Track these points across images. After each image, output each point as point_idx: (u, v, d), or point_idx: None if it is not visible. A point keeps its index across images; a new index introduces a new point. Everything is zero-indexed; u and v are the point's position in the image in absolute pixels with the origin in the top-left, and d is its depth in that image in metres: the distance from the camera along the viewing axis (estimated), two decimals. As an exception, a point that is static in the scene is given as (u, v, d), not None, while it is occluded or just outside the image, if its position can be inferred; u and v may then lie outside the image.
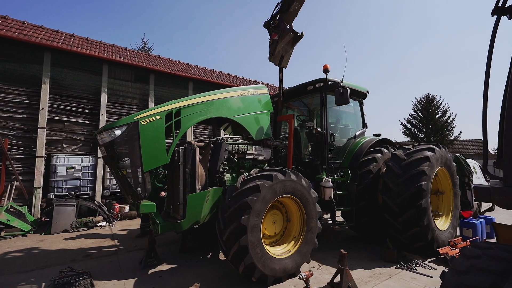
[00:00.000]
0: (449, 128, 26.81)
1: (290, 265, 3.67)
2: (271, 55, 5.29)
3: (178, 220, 3.81)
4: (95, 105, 7.92)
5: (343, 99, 4.88)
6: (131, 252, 4.79)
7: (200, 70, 10.51)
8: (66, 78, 7.60)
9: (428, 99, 27.89)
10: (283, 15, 5.18)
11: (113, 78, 8.23)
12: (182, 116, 3.96)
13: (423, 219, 4.34)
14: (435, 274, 3.90)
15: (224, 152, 4.31)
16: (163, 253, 4.61)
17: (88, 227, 6.37)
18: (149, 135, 3.60)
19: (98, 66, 8.00)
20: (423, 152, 4.72)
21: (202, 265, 4.21)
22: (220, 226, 3.49)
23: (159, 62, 9.44)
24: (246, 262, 3.27)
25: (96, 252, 4.80)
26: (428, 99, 27.84)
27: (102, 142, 3.53)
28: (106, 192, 7.73)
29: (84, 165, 7.54)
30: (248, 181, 3.62)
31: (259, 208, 3.44)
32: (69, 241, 5.44)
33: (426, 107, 27.62)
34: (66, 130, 7.54)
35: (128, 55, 8.86)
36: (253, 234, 3.36)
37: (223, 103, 4.48)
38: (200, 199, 3.94)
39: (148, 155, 3.57)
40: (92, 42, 8.58)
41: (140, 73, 8.64)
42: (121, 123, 3.47)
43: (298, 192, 3.87)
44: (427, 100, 27.87)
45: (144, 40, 25.33)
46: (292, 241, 3.97)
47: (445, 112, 27.16)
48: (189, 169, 3.97)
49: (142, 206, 3.55)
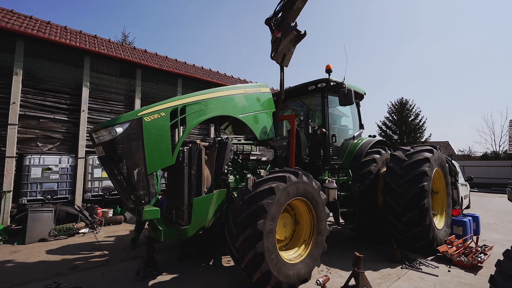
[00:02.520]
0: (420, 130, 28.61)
1: (303, 270, 3.54)
2: (273, 53, 5.14)
3: (183, 226, 3.53)
4: (75, 100, 7.23)
5: (347, 100, 4.86)
6: (124, 262, 4.38)
7: (189, 67, 10.07)
8: (42, 69, 6.86)
9: (401, 103, 29.49)
10: (286, 12, 5.05)
11: (96, 72, 7.57)
12: (187, 114, 3.68)
13: (425, 218, 4.43)
14: (438, 272, 3.99)
15: (229, 152, 4.09)
16: (161, 262, 4.27)
17: (69, 234, 5.77)
18: (153, 133, 3.28)
19: (79, 58, 7.31)
20: (423, 153, 4.83)
21: (206, 273, 3.94)
22: (232, 231, 3.26)
23: (146, 56, 8.88)
24: (262, 270, 3.08)
25: (83, 263, 4.33)
26: (402, 103, 29.43)
27: (100, 141, 3.15)
28: (88, 195, 7.09)
29: (62, 166, 6.84)
30: (261, 183, 3.43)
31: (274, 212, 3.26)
32: (49, 252, 4.86)
33: (400, 111, 29.17)
34: (42, 127, 6.79)
35: (112, 47, 8.22)
36: (269, 240, 3.18)
37: (228, 100, 4.26)
38: (206, 203, 3.69)
39: (153, 155, 3.25)
40: (71, 31, 7.83)
41: (126, 67, 8.05)
42: (122, 120, 3.12)
43: (309, 194, 3.75)
44: (400, 104, 29.45)
45: (125, 34, 23.92)
46: (303, 244, 3.84)
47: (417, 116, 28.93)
48: (195, 171, 3.69)
49: (146, 212, 3.23)
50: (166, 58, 9.79)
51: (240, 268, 3.31)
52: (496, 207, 10.30)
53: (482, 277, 3.85)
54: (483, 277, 3.84)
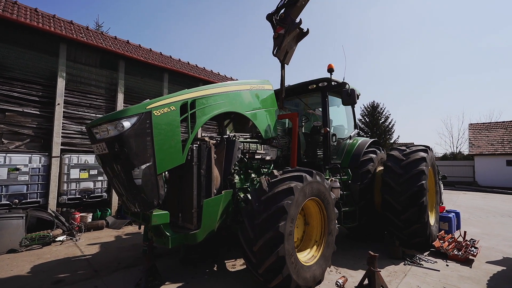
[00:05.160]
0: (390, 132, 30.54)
1: (318, 272, 3.46)
2: (276, 49, 5.02)
3: (192, 231, 3.25)
4: (49, 92, 6.42)
5: (351, 99, 4.91)
6: (117, 272, 3.94)
7: (175, 62, 9.54)
8: (9, 56, 5.98)
9: (373, 106, 31.16)
10: (289, 9, 4.96)
11: (73, 61, 6.80)
12: (197, 108, 3.40)
13: (424, 216, 4.60)
14: (437, 267, 4.16)
15: (237, 151, 3.89)
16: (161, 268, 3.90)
17: (44, 243, 5.10)
18: (163, 128, 2.97)
19: (54, 45, 6.51)
20: (419, 153, 5.03)
21: (214, 280, 3.68)
22: (249, 235, 3.07)
23: (129, 48, 8.21)
24: (284, 274, 2.93)
25: (69, 275, 3.81)
26: (374, 106, 31.11)
27: (103, 136, 2.77)
28: (63, 199, 6.34)
29: (33, 166, 6.04)
30: (277, 183, 3.27)
31: (293, 213, 3.14)
32: (23, 264, 4.23)
33: (372, 113, 30.81)
34: (8, 121, 5.93)
35: (92, 35, 7.47)
36: (289, 242, 3.05)
37: (236, 96, 4.05)
38: (217, 205, 3.46)
39: (162, 153, 2.94)
40: (43, 14, 6.94)
41: (107, 58, 7.34)
42: (130, 113, 2.77)
43: (322, 194, 3.68)
44: (372, 107, 31.11)
45: (98, 23, 22.05)
46: (315, 245, 3.76)
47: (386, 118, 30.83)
48: (205, 170, 3.43)
49: (155, 216, 2.91)
50: (150, 51, 9.17)
51: (255, 274, 3.13)
52: (465, 203, 11.23)
53: (477, 270, 4.08)
54: (478, 270, 4.08)
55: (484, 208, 10.02)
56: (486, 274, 3.93)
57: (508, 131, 19.63)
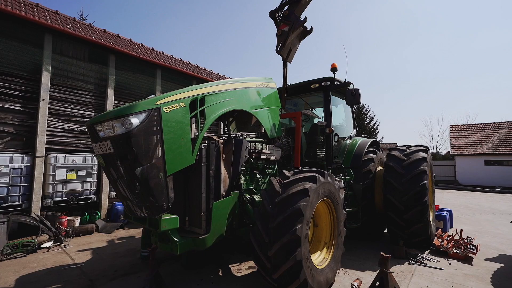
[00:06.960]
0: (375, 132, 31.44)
1: (330, 275, 3.38)
2: (280, 47, 4.90)
3: (201, 235, 3.06)
4: (32, 87, 5.92)
5: (355, 99, 4.90)
6: (115, 280, 3.66)
7: (167, 58, 9.18)
8: (-14, 46, 5.47)
9: (359, 107, 31.89)
10: (293, 6, 4.87)
11: (59, 54, 6.33)
12: (206, 106, 3.21)
13: (426, 215, 4.66)
14: (441, 265, 4.21)
15: (245, 151, 3.73)
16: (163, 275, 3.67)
17: (29, 251, 4.68)
18: (173, 126, 2.77)
19: (39, 36, 6.01)
20: (420, 153, 5.10)
21: (222, 286, 3.50)
22: (263, 239, 2.93)
23: (119, 42, 7.78)
24: (301, 279, 2.82)
25: (61, 286, 3.49)
26: (359, 107, 31.86)
27: (108, 134, 2.53)
28: (48, 201, 5.88)
29: (14, 166, 5.55)
30: (290, 185, 3.15)
31: (308, 215, 3.03)
32: (7, 275, 3.84)
33: (357, 114, 31.54)
34: (-15, 118, 5.42)
35: (80, 27, 6.99)
36: (305, 246, 2.93)
37: (243, 94, 3.90)
38: (226, 208, 3.30)
39: (172, 153, 2.74)
40: (26, 3, 6.40)
41: (97, 51, 6.90)
42: (139, 109, 2.54)
43: (332, 195, 3.61)
44: (358, 108, 31.85)
45: (82, 16, 20.92)
46: (325, 247, 3.68)
47: (371, 119, 31.73)
48: (214, 171, 3.25)
49: (164, 221, 2.70)
50: (142, 45, 8.75)
51: (269, 279, 2.99)
52: (450, 202, 11.67)
53: (478, 268, 4.17)
54: (479, 268, 4.17)
55: (469, 206, 10.44)
56: (488, 271, 4.02)
57: (486, 132, 20.72)
